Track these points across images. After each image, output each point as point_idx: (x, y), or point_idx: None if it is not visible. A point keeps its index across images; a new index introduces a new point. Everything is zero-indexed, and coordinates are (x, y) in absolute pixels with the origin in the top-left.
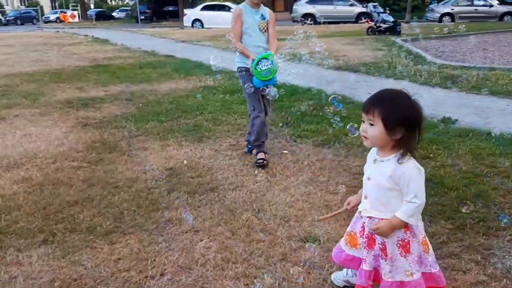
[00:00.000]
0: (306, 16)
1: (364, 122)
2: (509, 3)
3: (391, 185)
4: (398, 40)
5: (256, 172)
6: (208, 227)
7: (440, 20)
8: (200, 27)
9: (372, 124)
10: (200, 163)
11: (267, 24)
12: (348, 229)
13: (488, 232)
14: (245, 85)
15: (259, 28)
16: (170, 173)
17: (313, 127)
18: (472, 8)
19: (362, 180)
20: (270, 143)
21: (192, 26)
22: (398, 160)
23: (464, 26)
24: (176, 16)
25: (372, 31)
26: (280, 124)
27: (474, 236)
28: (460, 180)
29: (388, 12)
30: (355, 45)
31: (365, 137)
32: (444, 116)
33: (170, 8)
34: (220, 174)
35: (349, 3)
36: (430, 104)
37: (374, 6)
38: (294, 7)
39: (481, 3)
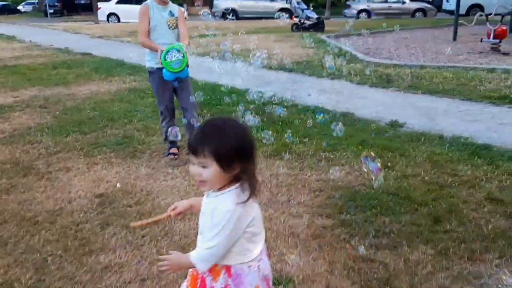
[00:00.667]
0: (228, 11)
1: (194, 164)
2: (419, 0)
3: None
4: (324, 37)
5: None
6: (157, 274)
7: (357, 16)
8: (116, 21)
9: (205, 167)
10: (136, 186)
11: (176, 21)
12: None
13: (472, 256)
14: (154, 87)
15: (168, 25)
16: (102, 201)
17: (260, 136)
18: (387, 5)
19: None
20: None
21: (108, 20)
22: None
23: (385, 24)
24: (89, 9)
25: (297, 27)
26: None
27: (460, 262)
28: (427, 193)
29: (311, 8)
30: (284, 42)
31: (202, 181)
32: (391, 120)
33: (82, 1)
34: (163, 199)
35: None
36: (373, 105)
37: (298, 3)
38: (215, 1)
39: (394, 0)
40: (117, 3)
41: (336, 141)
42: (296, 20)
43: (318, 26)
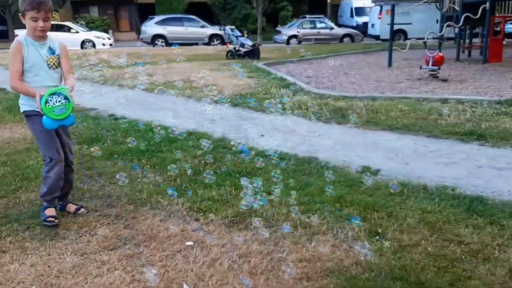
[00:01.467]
0: (157, 37)
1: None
2: (345, 26)
3: None
4: (260, 64)
5: None
6: None
7: (287, 42)
8: None
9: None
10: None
11: (58, 59)
12: None
13: None
14: (36, 132)
15: (48, 64)
16: None
17: (215, 194)
18: (315, 31)
19: None
20: (163, 227)
21: None
22: None
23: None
24: (4, 36)
25: (231, 55)
26: (169, 192)
27: None
28: (439, 273)
29: (246, 35)
30: (221, 71)
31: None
32: (362, 166)
33: None
34: None
35: (200, 24)
36: (333, 145)
37: (232, 30)
38: (143, 28)
39: (323, 25)
40: None
41: (308, 197)
42: (231, 47)
43: (253, 53)
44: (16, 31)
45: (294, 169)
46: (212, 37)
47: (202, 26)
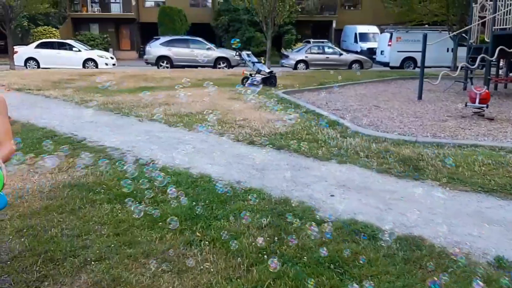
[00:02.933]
0: (161, 58)
1: None
2: (349, 51)
3: None
4: (280, 93)
5: None
6: None
7: (295, 67)
8: (36, 66)
9: None
10: None
11: None
12: None
13: None
14: None
15: None
16: None
17: None
18: (324, 56)
19: None
20: None
21: (26, 65)
22: None
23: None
24: (3, 51)
25: (246, 81)
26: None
27: None
28: None
29: (263, 61)
30: (242, 101)
31: None
32: (494, 256)
33: None
34: None
35: (207, 47)
36: (429, 215)
37: (248, 55)
38: (147, 48)
39: (331, 51)
40: (37, 47)
41: None
42: (246, 73)
43: (270, 81)
44: (16, 48)
45: (403, 257)
46: (218, 60)
47: (208, 49)
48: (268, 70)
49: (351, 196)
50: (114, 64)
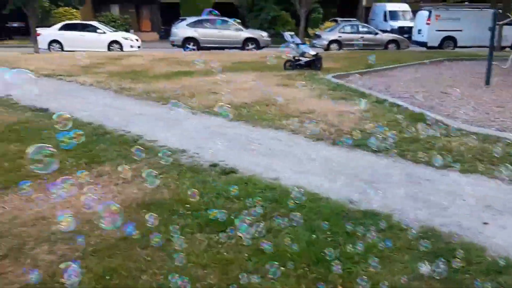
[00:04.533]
0: (188, 40)
1: None
2: (382, 31)
3: None
4: (329, 77)
5: None
6: None
7: (327, 47)
8: (60, 49)
9: None
10: None
11: None
12: None
13: None
14: None
15: None
16: None
17: None
18: (358, 36)
19: None
20: None
21: (49, 48)
22: None
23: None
24: (24, 33)
25: (291, 65)
26: None
27: None
28: None
29: (307, 43)
30: (294, 87)
31: None
32: None
33: (15, 25)
34: None
35: (235, 27)
36: None
37: (292, 36)
38: (173, 30)
39: (366, 30)
40: (61, 29)
41: None
42: (289, 55)
43: (315, 64)
44: (39, 30)
45: None
46: (247, 41)
47: (237, 29)
48: (313, 53)
49: (509, 223)
50: (139, 47)
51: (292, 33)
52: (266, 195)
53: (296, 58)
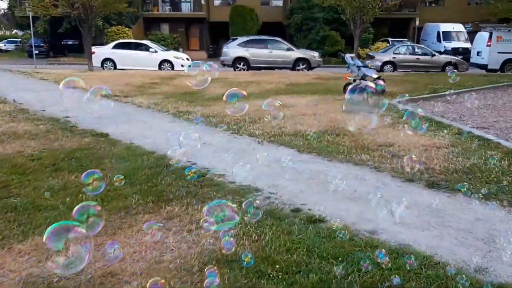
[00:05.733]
0: (238, 59)
1: None
2: (440, 52)
3: None
4: (395, 102)
5: None
6: None
7: (381, 68)
8: (112, 67)
9: None
10: None
11: None
12: None
13: None
14: None
15: None
16: None
17: None
18: (414, 57)
19: None
20: None
21: (102, 66)
22: None
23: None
24: (77, 51)
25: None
26: None
27: None
28: None
29: (369, 65)
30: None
31: None
32: None
33: (70, 42)
34: None
35: (286, 47)
36: None
37: (352, 58)
38: (224, 49)
39: (421, 51)
40: (114, 47)
41: None
42: (350, 78)
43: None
44: (94, 48)
45: None
46: (298, 61)
47: (288, 49)
48: (375, 76)
49: None
50: (189, 66)
51: (353, 54)
52: (369, 256)
53: (357, 81)
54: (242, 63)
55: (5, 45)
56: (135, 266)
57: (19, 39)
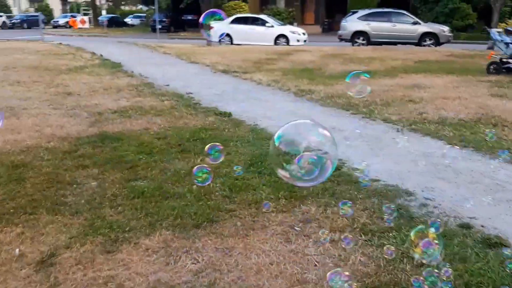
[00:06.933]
0: (357, 34)
1: None
2: None
3: None
4: None
5: None
6: None
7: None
8: (229, 42)
9: None
10: None
11: None
12: None
13: None
14: None
15: None
16: None
17: None
18: None
19: None
20: None
21: (219, 41)
22: None
23: None
24: (195, 25)
25: (496, 69)
26: None
27: None
28: None
29: None
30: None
31: None
32: None
33: (189, 17)
34: None
35: (412, 21)
36: None
37: (500, 34)
38: (343, 23)
39: None
40: (232, 22)
41: None
42: (495, 57)
43: None
44: (213, 23)
45: None
46: (424, 36)
47: (414, 23)
48: None
49: None
50: (305, 41)
51: (500, 30)
52: None
53: (504, 60)
54: (361, 38)
55: (131, 20)
56: (274, 284)
57: (144, 14)
